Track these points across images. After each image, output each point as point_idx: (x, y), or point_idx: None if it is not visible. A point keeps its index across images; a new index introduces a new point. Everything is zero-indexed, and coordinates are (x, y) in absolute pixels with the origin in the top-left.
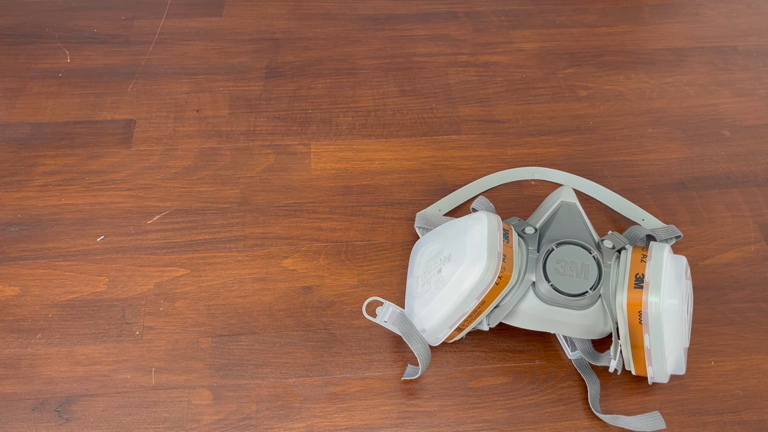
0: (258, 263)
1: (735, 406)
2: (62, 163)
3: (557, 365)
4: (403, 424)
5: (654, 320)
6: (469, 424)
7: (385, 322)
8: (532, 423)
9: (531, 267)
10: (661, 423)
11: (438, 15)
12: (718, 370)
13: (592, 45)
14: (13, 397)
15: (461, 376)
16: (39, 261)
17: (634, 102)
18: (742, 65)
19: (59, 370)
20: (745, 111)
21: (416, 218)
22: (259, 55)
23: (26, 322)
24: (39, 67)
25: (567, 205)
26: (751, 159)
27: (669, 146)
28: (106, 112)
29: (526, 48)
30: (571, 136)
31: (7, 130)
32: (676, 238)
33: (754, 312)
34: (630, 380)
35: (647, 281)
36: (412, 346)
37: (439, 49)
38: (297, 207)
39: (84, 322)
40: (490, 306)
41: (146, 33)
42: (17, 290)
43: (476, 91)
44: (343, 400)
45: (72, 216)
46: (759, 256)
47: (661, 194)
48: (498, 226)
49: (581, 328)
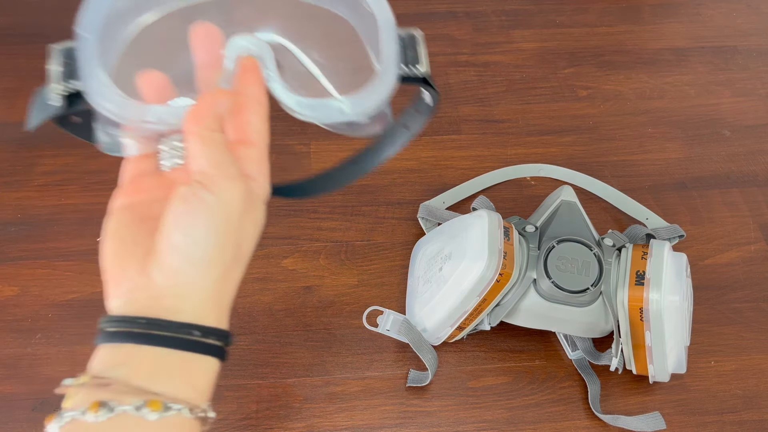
0: (258, 263)
1: (735, 406)
2: (62, 163)
3: (557, 365)
4: (403, 424)
5: (655, 317)
6: (469, 424)
7: (387, 330)
8: (532, 423)
9: (532, 264)
10: (661, 423)
11: (438, 15)
12: (718, 370)
13: (592, 45)
14: (12, 397)
15: (461, 376)
16: (38, 261)
17: (634, 102)
18: (742, 65)
19: (59, 370)
20: (746, 111)
21: (420, 208)
22: None
23: (26, 322)
24: (39, 67)
25: (567, 204)
26: (751, 159)
27: (669, 146)
28: None
29: (526, 48)
30: (571, 135)
31: (6, 129)
32: (678, 237)
33: (754, 312)
34: (630, 380)
35: (648, 278)
36: (423, 357)
37: (439, 48)
38: (297, 207)
39: (84, 322)
40: (491, 304)
41: None
42: (17, 290)
43: (476, 91)
44: (343, 400)
45: (72, 216)
46: (759, 256)
47: (661, 194)
48: (499, 223)
49: (582, 326)
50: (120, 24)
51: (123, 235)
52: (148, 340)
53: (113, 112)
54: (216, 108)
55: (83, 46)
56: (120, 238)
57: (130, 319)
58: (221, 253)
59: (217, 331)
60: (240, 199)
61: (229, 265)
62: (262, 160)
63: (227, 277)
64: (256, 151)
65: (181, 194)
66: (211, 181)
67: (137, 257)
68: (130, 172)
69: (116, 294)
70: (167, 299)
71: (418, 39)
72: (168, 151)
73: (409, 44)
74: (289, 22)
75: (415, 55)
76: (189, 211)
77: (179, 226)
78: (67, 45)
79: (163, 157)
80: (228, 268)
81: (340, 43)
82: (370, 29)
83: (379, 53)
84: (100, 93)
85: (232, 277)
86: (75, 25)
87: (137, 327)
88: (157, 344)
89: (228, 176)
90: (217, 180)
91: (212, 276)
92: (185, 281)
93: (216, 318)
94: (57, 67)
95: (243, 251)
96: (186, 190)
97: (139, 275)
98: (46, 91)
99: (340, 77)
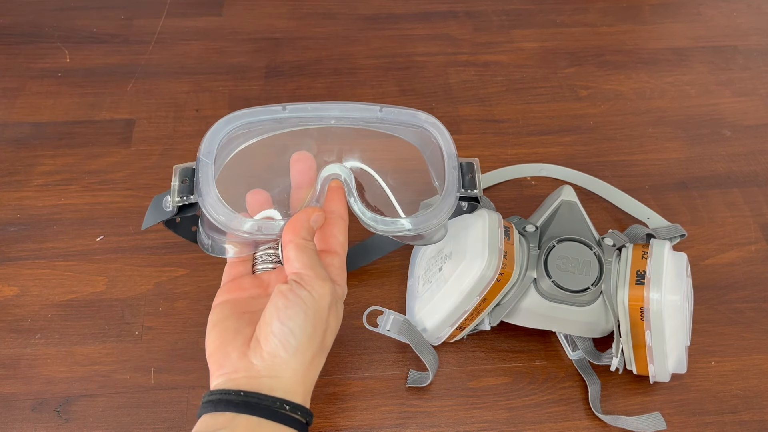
0: None
1: (735, 407)
2: (61, 163)
3: (557, 365)
4: (403, 424)
5: (656, 317)
6: (469, 424)
7: (387, 330)
8: (532, 423)
9: (532, 264)
10: (661, 423)
11: (438, 14)
12: (719, 371)
13: (593, 44)
14: (12, 397)
15: (461, 377)
16: (38, 261)
17: (634, 102)
18: (742, 65)
19: (59, 370)
20: (746, 110)
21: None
22: (258, 55)
23: (25, 322)
24: (38, 67)
25: (567, 204)
26: (752, 159)
27: (669, 146)
28: (105, 111)
29: (527, 47)
30: (571, 135)
31: (6, 129)
32: (680, 237)
33: (754, 312)
34: (630, 381)
35: (648, 277)
36: (423, 357)
37: (439, 48)
38: None
39: (83, 322)
40: (492, 304)
41: (145, 32)
42: (16, 290)
43: (476, 91)
44: (343, 400)
45: (71, 216)
46: (759, 256)
47: (661, 194)
48: (499, 223)
49: (583, 326)
50: (228, 147)
51: (226, 326)
52: (246, 409)
53: (223, 224)
54: (310, 222)
55: (203, 168)
56: (223, 328)
57: (231, 392)
58: (311, 341)
59: (303, 408)
60: (328, 296)
61: (316, 352)
62: (342, 267)
63: (314, 363)
64: (339, 259)
65: (281, 291)
66: (305, 280)
67: (238, 344)
68: (229, 275)
69: (219, 374)
70: (263, 379)
71: (475, 167)
72: (261, 257)
73: (467, 171)
74: (371, 151)
75: (473, 180)
76: (287, 305)
77: (279, 317)
78: (187, 165)
79: (257, 261)
80: (315, 355)
81: (409, 169)
82: (435, 157)
83: (444, 179)
84: (213, 207)
85: (317, 362)
86: (198, 150)
87: (237, 398)
88: (253, 413)
89: (319, 277)
90: (311, 280)
91: (302, 361)
92: (280, 363)
93: (302, 398)
94: (178, 183)
95: (327, 342)
96: (285, 288)
97: (240, 359)
98: (165, 200)
99: (407, 196)
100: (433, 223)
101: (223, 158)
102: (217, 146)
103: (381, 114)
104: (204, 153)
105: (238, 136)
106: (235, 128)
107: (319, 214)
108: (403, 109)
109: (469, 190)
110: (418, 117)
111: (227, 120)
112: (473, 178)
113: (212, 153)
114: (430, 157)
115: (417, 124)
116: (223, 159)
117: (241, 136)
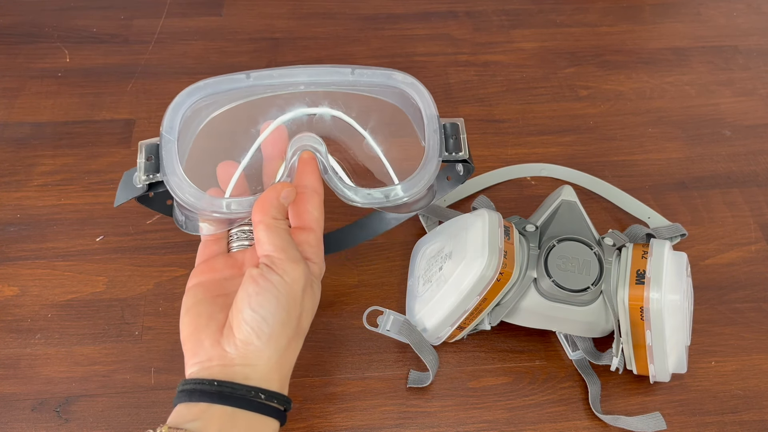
0: None
1: (735, 407)
2: (61, 163)
3: (557, 365)
4: (403, 424)
5: (656, 316)
6: (469, 424)
7: (387, 331)
8: (532, 423)
9: (532, 263)
10: (661, 423)
11: (438, 14)
12: (719, 371)
13: (593, 44)
14: (12, 397)
15: (461, 377)
16: (38, 261)
17: (634, 102)
18: (742, 65)
19: (58, 371)
20: (746, 110)
21: None
22: (258, 55)
23: (25, 322)
24: (38, 67)
25: (567, 203)
26: (752, 159)
27: (669, 146)
28: (105, 111)
29: (527, 47)
30: (571, 135)
31: (6, 129)
32: (680, 236)
33: (754, 312)
34: (631, 381)
35: (648, 277)
36: (423, 357)
37: (439, 48)
38: None
39: (83, 322)
40: (492, 303)
41: (145, 32)
42: (16, 290)
43: (476, 91)
44: (343, 400)
45: (71, 216)
46: (760, 256)
47: (661, 194)
48: (499, 222)
49: (583, 326)
50: (195, 120)
51: (199, 311)
52: (220, 400)
53: (189, 204)
54: (280, 199)
55: (166, 146)
56: (196, 313)
57: (205, 381)
58: (285, 327)
59: (280, 395)
60: (301, 279)
61: (291, 337)
62: (318, 244)
63: (290, 348)
64: (314, 236)
65: (252, 275)
66: (276, 264)
67: (211, 331)
68: (203, 254)
69: (193, 363)
70: (237, 367)
71: (460, 127)
72: (236, 234)
73: (451, 133)
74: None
75: (458, 142)
76: (258, 291)
77: (251, 304)
78: (152, 141)
79: (232, 239)
80: (290, 340)
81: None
82: (417, 119)
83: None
84: (179, 187)
85: (293, 347)
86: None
87: (211, 388)
88: (228, 404)
89: (291, 259)
90: (282, 263)
91: (277, 347)
92: (253, 351)
93: (279, 385)
94: (144, 160)
95: (302, 326)
96: (255, 272)
97: (213, 347)
98: (134, 177)
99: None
100: (414, 192)
101: (193, 131)
102: (180, 120)
103: (353, 77)
104: (166, 129)
105: (206, 106)
106: (198, 100)
107: (288, 190)
108: (378, 70)
109: (453, 153)
110: (393, 77)
111: (189, 92)
112: (458, 140)
113: (175, 129)
114: (413, 118)
115: (393, 85)
116: (193, 132)
117: (208, 106)
